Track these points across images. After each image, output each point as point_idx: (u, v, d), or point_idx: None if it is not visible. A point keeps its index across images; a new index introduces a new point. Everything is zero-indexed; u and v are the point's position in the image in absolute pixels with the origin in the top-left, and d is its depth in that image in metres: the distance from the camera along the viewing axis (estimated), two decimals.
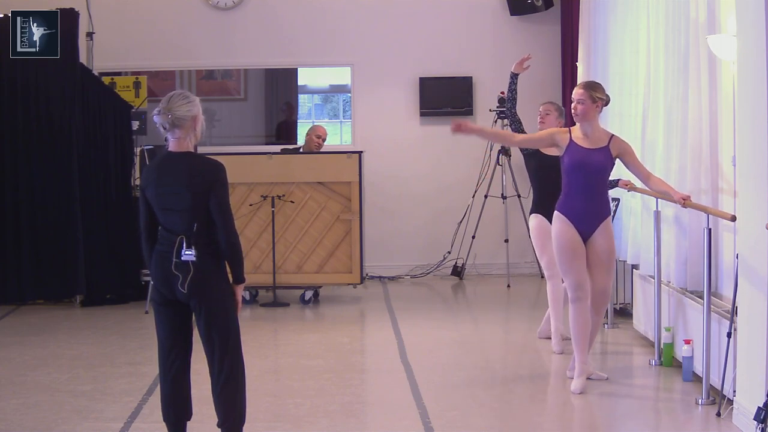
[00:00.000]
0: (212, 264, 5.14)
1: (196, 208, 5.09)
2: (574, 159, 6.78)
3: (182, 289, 5.10)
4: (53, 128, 10.03)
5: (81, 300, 10.16)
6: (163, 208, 5.16)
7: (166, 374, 5.28)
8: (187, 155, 5.17)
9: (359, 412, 6.64)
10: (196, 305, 5.15)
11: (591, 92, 6.80)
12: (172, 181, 5.12)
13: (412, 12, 11.81)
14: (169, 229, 5.14)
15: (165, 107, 5.13)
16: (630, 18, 8.74)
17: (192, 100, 5.19)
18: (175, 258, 5.10)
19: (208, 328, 5.16)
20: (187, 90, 5.35)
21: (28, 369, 7.61)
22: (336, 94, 13.43)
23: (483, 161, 11.42)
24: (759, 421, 5.37)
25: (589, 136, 6.81)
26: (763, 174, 5.57)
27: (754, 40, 5.69)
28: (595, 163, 6.78)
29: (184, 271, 5.09)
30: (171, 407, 5.29)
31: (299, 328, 9.09)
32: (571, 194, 6.83)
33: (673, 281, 7.43)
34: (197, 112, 5.18)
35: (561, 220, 6.86)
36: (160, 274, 5.17)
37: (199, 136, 5.24)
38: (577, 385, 6.75)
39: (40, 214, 10.01)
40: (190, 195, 5.08)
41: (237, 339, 5.23)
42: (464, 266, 11.57)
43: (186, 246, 5.08)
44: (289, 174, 10.04)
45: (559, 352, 7.78)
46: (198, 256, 5.08)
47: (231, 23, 11.75)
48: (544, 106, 8.23)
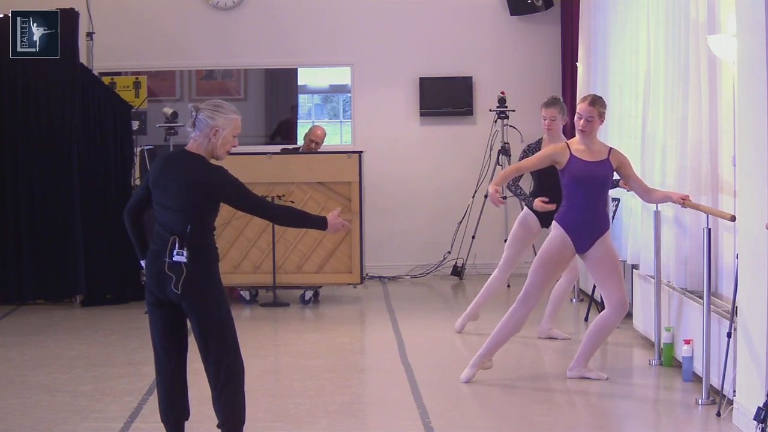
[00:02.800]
0: (205, 267, 5.11)
1: (189, 211, 5.07)
2: (576, 173, 6.77)
3: (175, 290, 5.07)
4: (53, 128, 10.03)
5: (81, 300, 10.16)
6: (160, 204, 5.15)
7: (161, 376, 5.27)
8: (195, 157, 5.15)
9: (359, 412, 6.64)
10: (188, 307, 5.11)
11: (599, 109, 6.83)
12: (172, 176, 5.12)
13: (412, 12, 11.81)
14: (164, 227, 5.12)
15: (197, 105, 5.14)
16: (630, 18, 8.74)
17: (226, 113, 5.13)
18: (167, 258, 5.08)
19: (203, 330, 5.13)
20: (234, 107, 5.24)
21: (28, 369, 7.61)
22: (336, 94, 13.43)
23: (483, 161, 11.43)
24: (759, 421, 5.37)
25: (590, 149, 6.81)
26: (763, 174, 5.57)
27: (754, 40, 5.69)
28: (597, 176, 6.79)
29: (177, 272, 5.07)
30: (168, 408, 5.29)
31: (299, 328, 9.09)
32: (572, 208, 6.82)
33: (673, 281, 7.42)
34: (218, 124, 5.11)
35: (560, 233, 6.85)
36: (153, 273, 5.14)
37: (219, 153, 5.17)
38: (466, 374, 7.04)
39: (40, 214, 10.01)
40: (184, 196, 5.07)
41: (234, 339, 5.20)
42: (464, 266, 11.57)
43: (178, 246, 5.06)
44: (289, 174, 10.04)
45: (459, 331, 8.61)
46: (190, 258, 5.05)
47: (231, 23, 11.75)
48: (548, 112, 8.08)
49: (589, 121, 6.79)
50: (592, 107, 6.82)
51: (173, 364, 5.25)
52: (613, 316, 6.94)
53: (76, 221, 9.99)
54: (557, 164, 6.84)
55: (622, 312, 6.95)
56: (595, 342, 7.05)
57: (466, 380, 7.01)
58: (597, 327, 7.02)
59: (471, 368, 7.07)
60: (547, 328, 8.36)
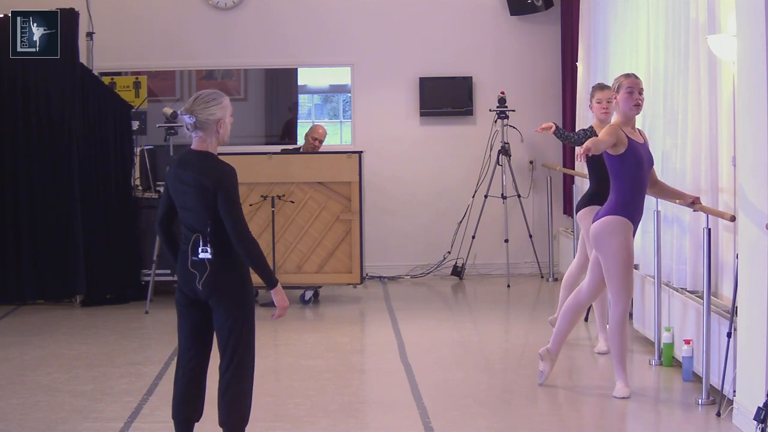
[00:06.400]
0: (228, 264, 5.12)
1: (207, 209, 5.08)
2: (637, 155, 6.46)
3: (199, 286, 5.11)
4: (53, 128, 10.03)
5: (81, 300, 10.15)
6: (180, 206, 5.18)
7: (180, 372, 5.26)
8: (202, 155, 5.14)
9: (359, 412, 6.64)
10: (213, 303, 5.14)
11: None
12: (186, 178, 5.12)
13: (412, 12, 11.81)
14: (188, 227, 5.16)
15: (188, 108, 5.11)
16: (630, 18, 8.74)
17: (218, 102, 5.12)
18: (191, 256, 5.10)
19: (221, 327, 5.15)
20: (217, 91, 5.22)
21: (28, 369, 7.61)
22: (336, 94, 13.42)
23: (483, 161, 11.43)
24: (759, 421, 5.37)
25: (634, 130, 6.58)
26: (763, 174, 5.58)
27: (754, 40, 5.70)
28: (648, 157, 6.59)
29: (200, 269, 5.09)
30: (182, 407, 5.26)
31: (299, 328, 9.09)
32: (634, 194, 6.48)
33: (673, 281, 7.43)
34: (221, 115, 5.12)
35: (627, 227, 6.48)
36: (181, 272, 5.18)
37: (225, 139, 5.19)
38: (619, 390, 6.63)
39: (40, 214, 10.00)
40: (198, 195, 5.08)
41: (248, 342, 5.19)
42: (464, 266, 11.57)
43: (202, 244, 5.08)
44: (289, 174, 10.04)
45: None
46: (214, 255, 5.08)
47: (231, 23, 11.75)
48: (604, 94, 7.59)
49: (642, 93, 6.55)
50: (640, 81, 6.57)
51: (194, 363, 5.24)
52: (587, 297, 6.84)
53: (76, 221, 9.99)
54: (616, 148, 6.40)
55: (594, 297, 6.90)
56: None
57: (623, 395, 6.60)
58: (571, 304, 6.90)
59: (620, 381, 6.68)
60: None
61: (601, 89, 7.68)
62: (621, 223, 6.47)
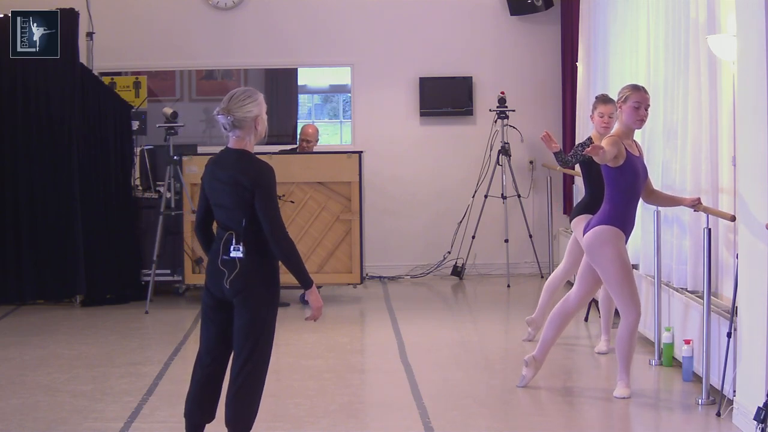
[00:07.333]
0: (258, 263, 5.09)
1: (242, 206, 5.04)
2: (635, 167, 6.48)
3: (226, 284, 5.07)
4: (53, 128, 10.03)
5: (81, 300, 10.15)
6: (215, 203, 5.16)
7: (198, 372, 5.23)
8: (240, 154, 5.12)
9: (359, 412, 6.64)
10: (238, 303, 5.10)
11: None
12: (222, 176, 5.10)
13: (412, 12, 11.81)
14: (221, 225, 5.14)
15: (225, 108, 5.09)
16: (630, 18, 8.74)
17: (254, 99, 5.11)
18: (223, 254, 5.07)
19: (240, 327, 5.10)
20: (251, 88, 5.24)
21: (28, 369, 7.61)
22: (336, 94, 13.43)
23: (483, 161, 11.43)
24: (759, 421, 5.37)
25: (632, 143, 6.58)
26: (763, 174, 5.58)
27: (754, 40, 5.70)
28: (643, 169, 6.59)
29: (230, 267, 5.07)
30: (195, 407, 5.23)
31: (299, 328, 9.08)
32: (628, 205, 6.51)
33: (674, 281, 7.43)
34: (258, 112, 5.12)
35: (619, 237, 6.49)
36: (211, 270, 5.14)
37: (262, 135, 5.19)
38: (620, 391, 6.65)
39: (40, 214, 10.00)
40: (234, 192, 5.05)
41: (264, 346, 5.16)
42: (464, 266, 11.57)
43: (234, 242, 5.05)
44: (289, 174, 10.02)
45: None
46: (246, 254, 5.05)
47: (231, 23, 11.75)
48: (607, 108, 7.42)
49: (646, 110, 6.51)
50: (648, 95, 6.53)
51: (213, 365, 5.21)
52: (575, 305, 6.83)
53: (76, 221, 9.98)
54: (616, 159, 6.36)
55: (582, 305, 6.91)
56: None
57: (623, 396, 6.62)
58: (558, 311, 6.88)
59: (621, 382, 6.69)
60: (538, 318, 8.23)
61: (604, 103, 7.48)
62: (612, 233, 6.47)
